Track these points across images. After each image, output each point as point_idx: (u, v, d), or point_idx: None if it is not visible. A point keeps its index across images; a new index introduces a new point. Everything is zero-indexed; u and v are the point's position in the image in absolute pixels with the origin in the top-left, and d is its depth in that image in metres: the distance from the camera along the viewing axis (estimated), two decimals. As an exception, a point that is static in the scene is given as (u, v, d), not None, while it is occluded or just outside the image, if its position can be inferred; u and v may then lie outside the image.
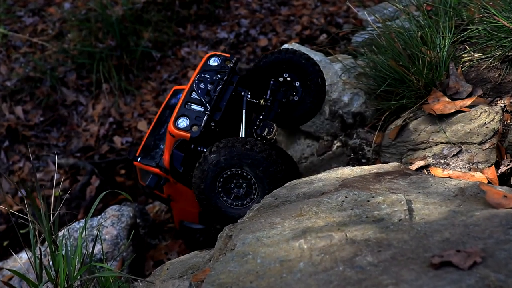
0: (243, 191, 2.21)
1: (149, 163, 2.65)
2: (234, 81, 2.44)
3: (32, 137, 4.71)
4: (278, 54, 2.53)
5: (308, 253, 1.37)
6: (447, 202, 1.53)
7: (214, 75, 2.41)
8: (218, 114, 2.35)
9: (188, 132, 2.27)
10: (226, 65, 2.44)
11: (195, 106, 2.35)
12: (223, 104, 2.37)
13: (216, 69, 2.42)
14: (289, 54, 2.52)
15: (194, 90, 2.37)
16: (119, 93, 4.98)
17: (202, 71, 2.43)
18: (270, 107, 2.52)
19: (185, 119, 2.31)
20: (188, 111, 2.33)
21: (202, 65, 2.46)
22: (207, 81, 2.40)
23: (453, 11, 2.82)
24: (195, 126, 2.28)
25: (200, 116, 2.31)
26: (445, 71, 2.64)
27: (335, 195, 1.66)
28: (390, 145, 2.58)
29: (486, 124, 2.33)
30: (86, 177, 4.35)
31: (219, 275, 1.40)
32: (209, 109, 2.31)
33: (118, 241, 2.98)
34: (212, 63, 2.46)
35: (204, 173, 2.19)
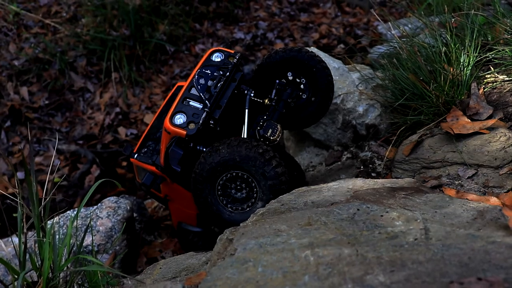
0: (243, 195, 2.10)
1: (146, 160, 2.54)
2: (236, 78, 2.32)
3: (35, 120, 4.62)
4: (283, 53, 2.43)
5: (315, 266, 1.27)
6: (465, 224, 1.42)
7: (216, 71, 2.29)
8: (217, 111, 2.23)
9: (184, 129, 2.15)
10: (229, 61, 2.32)
11: (193, 103, 2.23)
12: (223, 102, 2.25)
13: (219, 65, 2.30)
14: (294, 52, 2.42)
15: (194, 86, 2.25)
16: (128, 84, 4.89)
17: (203, 66, 2.31)
18: (274, 107, 2.41)
19: (182, 116, 2.19)
20: (186, 108, 2.21)
21: (204, 60, 2.34)
22: (208, 77, 2.28)
23: (479, 29, 2.73)
24: (192, 124, 2.16)
25: (198, 113, 2.19)
26: (467, 90, 2.54)
27: (346, 206, 1.56)
28: (403, 161, 2.48)
29: (505, 148, 2.23)
30: (86, 165, 4.26)
31: (216, 281, 1.30)
32: (208, 106, 2.19)
33: (112, 234, 2.88)
34: (215, 59, 2.34)
35: (202, 175, 2.09)
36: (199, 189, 2.10)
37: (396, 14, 5.45)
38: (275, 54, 2.43)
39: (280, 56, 2.42)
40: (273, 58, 2.43)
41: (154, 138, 2.66)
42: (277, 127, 2.31)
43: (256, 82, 2.48)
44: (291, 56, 2.41)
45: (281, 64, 2.43)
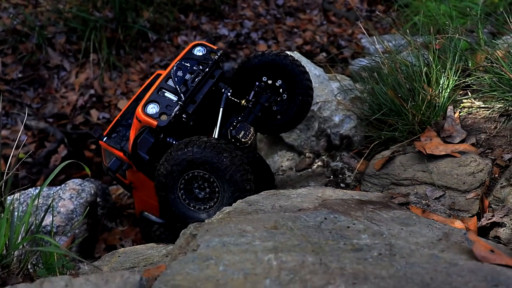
0: (206, 195, 2.09)
1: (114, 145, 2.50)
2: (215, 75, 2.29)
3: (5, 92, 4.51)
4: (261, 57, 2.41)
5: (277, 271, 1.26)
6: (430, 244, 1.43)
7: (196, 65, 2.24)
8: (191, 106, 2.20)
9: (155, 120, 2.12)
10: (211, 57, 2.28)
11: (168, 94, 2.19)
12: (199, 97, 2.22)
13: (199, 60, 2.26)
14: (273, 55, 2.40)
15: (171, 77, 2.21)
16: (106, 67, 4.81)
17: (183, 59, 2.27)
18: (250, 109, 2.38)
19: (155, 106, 2.15)
20: (160, 98, 2.17)
21: (186, 52, 2.30)
22: (187, 70, 2.23)
23: (461, 54, 2.76)
24: (164, 115, 2.12)
25: (171, 105, 2.15)
26: (443, 112, 2.57)
27: (314, 214, 1.56)
28: (374, 175, 2.49)
29: (474, 173, 2.26)
30: (54, 144, 4.17)
31: (175, 276, 1.28)
32: (183, 99, 2.15)
33: (73, 217, 2.82)
34: (197, 53, 2.30)
35: (167, 170, 2.05)
36: (162, 182, 2.07)
37: (381, 29, 5.49)
38: (255, 57, 2.41)
39: (260, 59, 2.40)
40: (254, 60, 2.41)
41: (126, 124, 2.62)
42: (250, 129, 2.28)
43: (236, 82, 2.46)
44: (270, 59, 2.39)
45: (261, 67, 2.41)
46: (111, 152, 2.52)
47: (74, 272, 1.78)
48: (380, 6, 5.99)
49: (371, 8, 6.04)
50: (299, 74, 2.39)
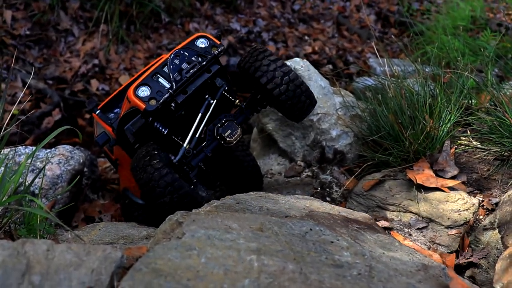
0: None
1: (105, 119, 2.51)
2: (212, 70, 2.27)
3: (10, 46, 4.48)
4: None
5: (257, 273, 1.27)
6: (408, 273, 1.45)
7: (194, 56, 2.23)
8: (181, 96, 2.19)
9: (144, 103, 2.11)
10: (211, 50, 2.26)
11: (162, 80, 2.18)
12: (191, 89, 2.20)
13: (199, 51, 2.24)
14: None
15: (167, 64, 2.21)
16: (114, 40, 4.80)
17: (183, 48, 2.26)
18: (242, 110, 2.40)
19: (146, 89, 2.15)
20: (153, 82, 2.16)
21: (188, 42, 2.29)
22: (184, 59, 2.22)
23: (467, 93, 2.79)
24: (154, 100, 2.12)
25: (162, 92, 2.15)
26: (440, 146, 2.60)
27: (300, 223, 1.57)
28: (361, 195, 2.51)
29: (460, 211, 2.28)
30: (49, 106, 4.16)
31: (157, 260, 1.28)
32: (174, 88, 2.15)
33: (58, 182, 2.81)
34: (199, 44, 2.27)
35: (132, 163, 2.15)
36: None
37: (390, 52, 5.53)
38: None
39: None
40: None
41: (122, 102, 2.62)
42: (237, 130, 2.30)
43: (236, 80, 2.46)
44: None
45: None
46: (102, 126, 2.53)
47: (54, 238, 1.78)
48: (394, 29, 6.02)
49: (385, 30, 6.07)
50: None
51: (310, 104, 2.37)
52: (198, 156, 2.30)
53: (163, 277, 1.22)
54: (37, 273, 1.27)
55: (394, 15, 6.18)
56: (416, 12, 6.26)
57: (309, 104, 2.36)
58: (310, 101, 2.36)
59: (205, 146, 2.31)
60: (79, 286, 1.25)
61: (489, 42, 4.13)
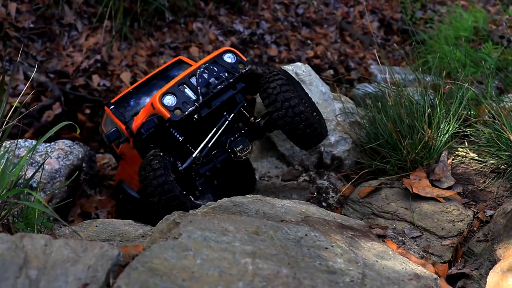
0: None
1: (120, 116, 2.53)
2: (237, 88, 2.33)
3: (13, 39, 4.49)
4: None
5: (251, 276, 1.29)
6: (400, 282, 1.47)
7: (222, 72, 2.29)
8: (206, 110, 2.25)
9: (169, 112, 2.16)
10: (239, 68, 2.32)
11: (188, 91, 2.23)
12: (215, 104, 2.27)
13: (227, 68, 2.30)
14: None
15: (196, 76, 2.25)
16: (117, 36, 4.81)
17: (212, 61, 2.31)
18: (256, 127, 2.46)
19: (172, 98, 2.19)
20: (179, 92, 2.21)
21: (216, 55, 2.34)
22: (212, 74, 2.27)
23: (466, 104, 2.80)
24: (179, 110, 2.17)
25: (188, 103, 2.20)
26: (437, 156, 2.62)
27: (295, 228, 1.59)
28: (357, 202, 2.53)
29: (455, 222, 2.30)
30: (50, 100, 4.16)
31: (153, 259, 1.30)
32: (200, 102, 2.20)
33: (56, 176, 2.83)
34: (226, 59, 2.34)
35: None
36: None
37: (392, 59, 5.55)
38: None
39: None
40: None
41: (137, 100, 2.64)
42: (248, 146, 2.37)
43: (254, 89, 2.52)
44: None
45: None
46: (114, 122, 2.55)
47: (51, 232, 1.80)
48: (396, 37, 6.05)
49: (387, 37, 6.09)
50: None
51: (312, 134, 2.38)
52: (208, 165, 2.35)
53: (159, 277, 1.23)
54: (34, 267, 1.28)
55: (397, 23, 6.21)
56: (419, 21, 6.28)
57: (310, 133, 2.37)
58: (312, 131, 2.37)
59: (215, 157, 2.36)
60: (75, 282, 1.26)
61: (491, 54, 4.15)
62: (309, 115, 2.35)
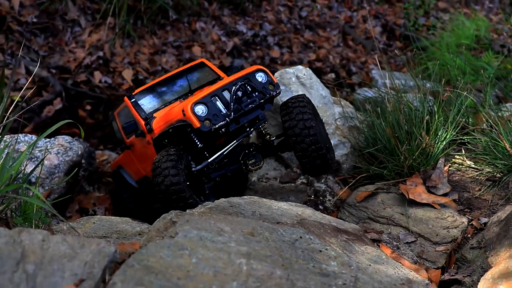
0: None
1: (139, 110, 2.56)
2: (265, 108, 2.42)
3: (16, 33, 4.51)
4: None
5: (245, 276, 1.31)
6: (392, 286, 1.49)
7: (255, 92, 2.35)
8: (234, 126, 2.32)
9: (199, 122, 2.20)
10: (269, 89, 2.38)
11: (220, 104, 2.29)
12: (243, 121, 2.34)
13: (259, 89, 2.36)
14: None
15: (229, 90, 2.31)
16: (120, 33, 4.83)
17: (245, 78, 2.36)
18: (270, 146, 2.55)
19: (204, 109, 2.24)
20: (211, 104, 2.26)
21: (248, 73, 2.39)
22: (246, 93, 2.34)
23: (464, 112, 2.82)
24: (208, 122, 2.22)
25: (218, 116, 2.25)
26: (434, 162, 2.63)
27: (291, 230, 1.61)
28: (353, 206, 2.55)
29: (449, 228, 2.32)
30: (51, 95, 4.18)
31: (149, 257, 1.32)
32: (231, 118, 2.26)
33: (55, 172, 2.84)
34: (258, 78, 2.40)
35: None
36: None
37: (393, 65, 5.57)
38: None
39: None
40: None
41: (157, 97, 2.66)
42: (260, 162, 2.46)
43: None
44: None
45: None
46: (132, 114, 2.58)
47: (49, 228, 1.82)
48: (399, 43, 6.07)
49: (389, 42, 6.11)
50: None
51: (321, 164, 2.44)
52: (219, 171, 2.42)
53: (154, 275, 1.25)
54: (31, 262, 1.30)
55: (400, 29, 6.22)
56: (421, 27, 6.30)
57: (320, 164, 2.43)
58: (322, 162, 2.43)
59: (228, 165, 2.44)
60: (72, 278, 1.28)
61: (491, 63, 4.17)
62: (323, 146, 2.41)
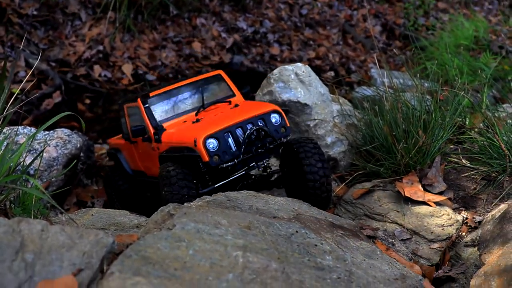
0: None
1: (151, 118, 2.54)
2: (274, 152, 2.46)
3: (16, 25, 4.52)
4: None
5: (241, 268, 1.32)
6: (386, 281, 1.51)
7: (267, 138, 2.36)
8: (241, 166, 2.34)
9: (208, 156, 2.21)
10: (281, 133, 2.39)
11: (231, 141, 2.30)
12: (251, 163, 2.36)
13: (272, 132, 2.35)
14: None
15: (243, 129, 2.31)
16: (120, 28, 4.84)
17: (260, 118, 2.37)
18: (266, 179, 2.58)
19: (215, 143, 2.25)
20: (223, 140, 2.27)
21: (264, 113, 2.39)
22: (259, 137, 2.34)
23: (461, 111, 2.84)
24: (217, 157, 2.23)
25: (228, 154, 2.26)
26: (430, 161, 2.65)
27: (287, 224, 1.63)
28: (350, 202, 2.57)
29: (444, 226, 2.34)
30: (50, 88, 4.20)
31: (147, 248, 1.34)
32: (240, 160, 2.28)
33: (53, 165, 2.86)
34: (272, 119, 2.40)
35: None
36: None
37: (392, 64, 5.59)
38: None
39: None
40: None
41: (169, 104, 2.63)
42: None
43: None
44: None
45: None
46: (142, 118, 2.56)
47: (47, 219, 1.83)
48: (398, 42, 6.09)
49: (389, 42, 6.13)
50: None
51: (322, 199, 2.44)
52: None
53: (152, 265, 1.27)
54: (30, 251, 1.32)
55: (399, 28, 6.24)
56: (421, 27, 6.32)
57: (323, 199, 2.44)
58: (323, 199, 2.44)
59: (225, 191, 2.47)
60: (70, 267, 1.30)
61: (489, 64, 4.19)
62: (330, 182, 2.46)
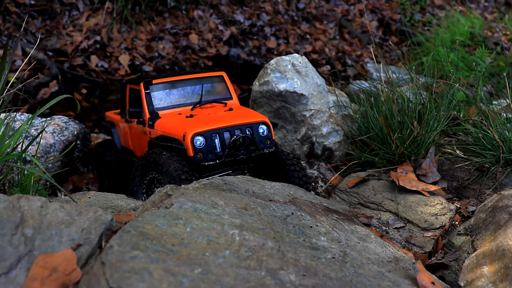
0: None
1: (149, 104, 2.60)
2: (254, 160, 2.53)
3: (13, 14, 4.52)
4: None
5: (238, 246, 1.35)
6: (380, 263, 1.53)
7: (252, 146, 2.44)
8: (220, 167, 2.43)
9: (193, 151, 2.29)
10: (266, 144, 2.47)
11: (217, 142, 2.37)
12: (233, 166, 2.48)
13: (257, 142, 2.43)
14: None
15: (230, 133, 2.38)
16: (118, 19, 4.85)
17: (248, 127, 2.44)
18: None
19: (202, 142, 2.33)
20: (210, 140, 2.34)
21: (254, 122, 2.47)
22: (245, 144, 2.42)
23: (456, 104, 2.87)
24: (201, 154, 2.31)
25: (212, 153, 2.34)
26: (424, 151, 2.68)
27: (283, 207, 1.65)
28: (344, 191, 2.60)
29: (437, 215, 2.37)
30: (47, 78, 4.20)
31: (145, 224, 1.36)
32: (222, 160, 2.35)
33: (50, 151, 2.87)
34: (259, 129, 2.47)
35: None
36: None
37: (388, 59, 5.62)
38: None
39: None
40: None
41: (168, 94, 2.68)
42: None
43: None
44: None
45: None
46: (141, 102, 2.63)
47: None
48: (394, 37, 6.11)
49: (385, 37, 6.16)
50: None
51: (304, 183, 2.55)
52: None
53: (150, 240, 1.29)
54: (30, 226, 1.34)
55: (396, 24, 6.27)
56: (417, 23, 6.35)
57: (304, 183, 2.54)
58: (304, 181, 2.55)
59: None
60: (69, 243, 1.32)
61: (483, 58, 4.22)
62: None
